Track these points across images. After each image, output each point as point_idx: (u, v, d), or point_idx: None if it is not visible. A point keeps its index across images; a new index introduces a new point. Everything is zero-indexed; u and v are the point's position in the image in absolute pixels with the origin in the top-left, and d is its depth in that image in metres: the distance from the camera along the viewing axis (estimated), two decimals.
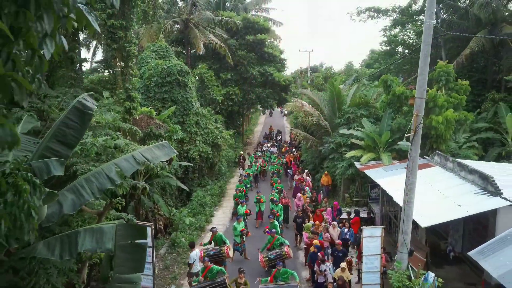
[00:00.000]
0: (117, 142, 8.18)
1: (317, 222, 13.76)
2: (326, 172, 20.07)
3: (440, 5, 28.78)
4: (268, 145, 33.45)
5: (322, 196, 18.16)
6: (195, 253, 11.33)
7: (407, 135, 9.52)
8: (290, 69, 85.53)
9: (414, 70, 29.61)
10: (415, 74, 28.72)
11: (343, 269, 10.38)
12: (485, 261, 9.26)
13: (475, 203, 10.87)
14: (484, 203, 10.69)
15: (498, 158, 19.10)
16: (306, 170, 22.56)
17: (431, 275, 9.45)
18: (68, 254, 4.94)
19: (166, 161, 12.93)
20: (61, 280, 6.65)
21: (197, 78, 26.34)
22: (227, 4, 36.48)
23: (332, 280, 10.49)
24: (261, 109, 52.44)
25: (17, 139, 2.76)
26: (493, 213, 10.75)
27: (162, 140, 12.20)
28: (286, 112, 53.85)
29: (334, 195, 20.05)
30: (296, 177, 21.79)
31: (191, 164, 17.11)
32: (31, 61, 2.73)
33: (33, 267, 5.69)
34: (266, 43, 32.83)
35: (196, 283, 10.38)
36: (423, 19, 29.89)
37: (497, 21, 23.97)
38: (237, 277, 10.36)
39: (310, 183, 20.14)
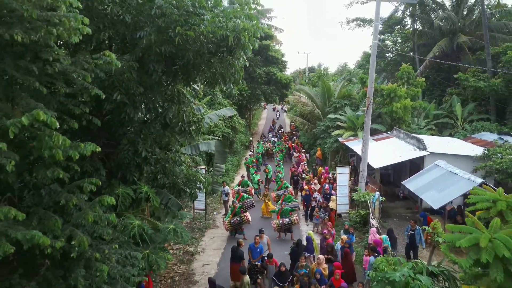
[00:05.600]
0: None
1: (310, 175, 19.93)
2: (319, 148, 26.23)
3: (415, 17, 34.99)
4: (270, 135, 39.65)
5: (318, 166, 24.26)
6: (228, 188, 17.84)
7: (362, 108, 15.65)
8: (290, 69, 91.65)
9: (398, 70, 35.67)
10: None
11: (332, 200, 16.42)
12: (409, 184, 15.53)
13: (409, 154, 17.10)
14: (414, 154, 16.94)
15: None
16: (303, 150, 28.70)
17: (377, 193, 15.59)
18: (191, 152, 11.10)
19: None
20: None
21: None
22: None
23: (317, 207, 16.53)
24: (263, 104, 58.50)
25: None
26: (422, 161, 16.95)
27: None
28: (286, 109, 59.61)
29: (325, 164, 26.21)
30: (295, 154, 27.95)
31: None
32: None
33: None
34: (270, 47, 38.94)
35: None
36: (398, 27, 36.15)
37: (456, 31, 30.09)
38: (264, 193, 16.85)
39: (305, 158, 26.16)
